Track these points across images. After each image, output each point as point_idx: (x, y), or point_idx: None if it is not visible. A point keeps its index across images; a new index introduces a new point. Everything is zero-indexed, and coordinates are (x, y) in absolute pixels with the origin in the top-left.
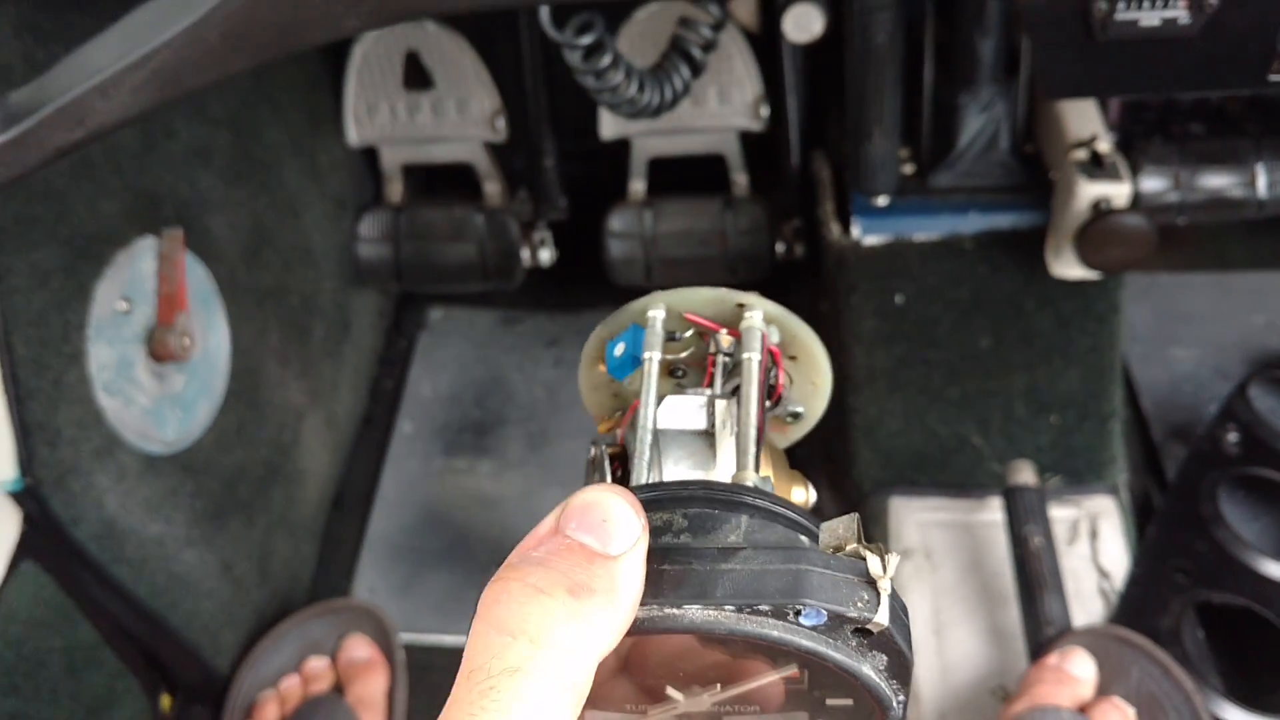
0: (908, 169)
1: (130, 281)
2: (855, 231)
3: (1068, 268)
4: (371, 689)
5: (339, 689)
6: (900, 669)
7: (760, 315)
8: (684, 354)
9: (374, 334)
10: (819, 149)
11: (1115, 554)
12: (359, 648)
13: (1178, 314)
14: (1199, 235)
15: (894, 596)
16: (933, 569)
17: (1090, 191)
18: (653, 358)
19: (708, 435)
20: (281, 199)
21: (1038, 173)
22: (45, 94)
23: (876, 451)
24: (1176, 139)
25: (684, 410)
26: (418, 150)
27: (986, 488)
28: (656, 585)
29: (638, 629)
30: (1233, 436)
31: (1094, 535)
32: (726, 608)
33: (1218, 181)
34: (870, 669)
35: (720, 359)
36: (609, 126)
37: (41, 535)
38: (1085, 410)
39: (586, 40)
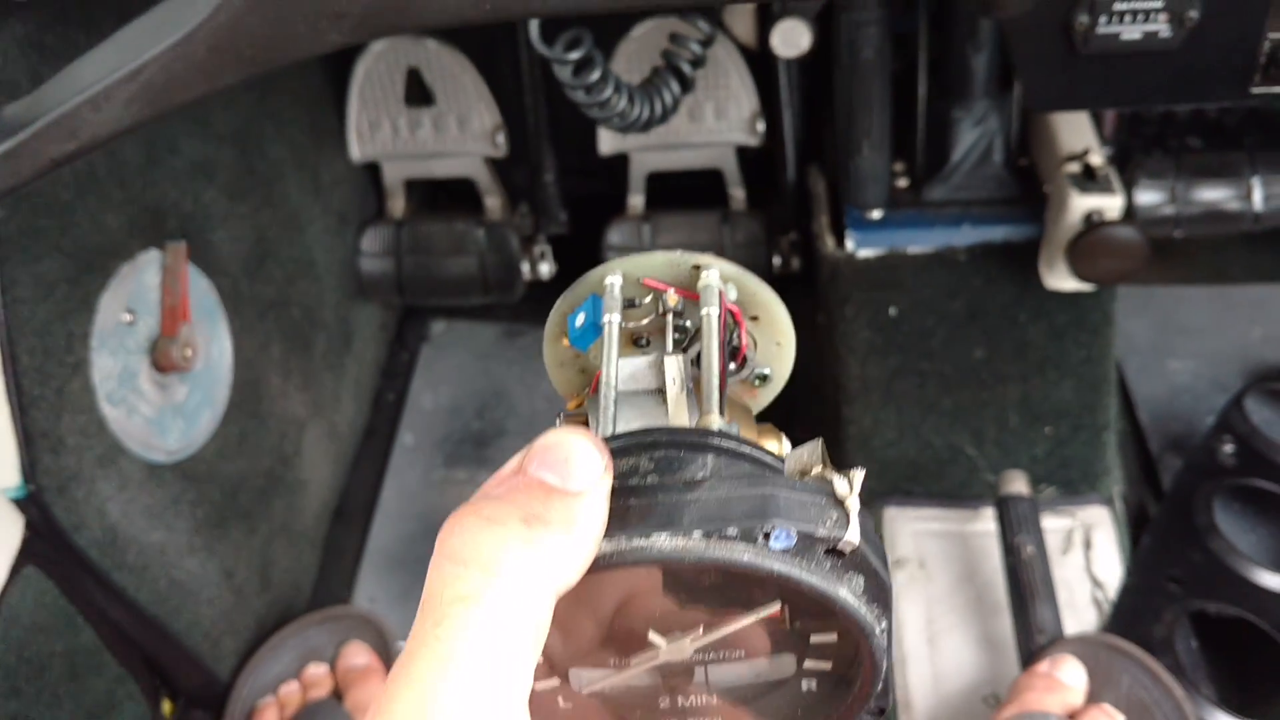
0: (902, 182)
1: (134, 293)
2: (849, 244)
3: (1061, 280)
4: (370, 695)
5: (338, 695)
6: (878, 591)
7: (716, 273)
8: (645, 321)
9: (376, 346)
10: (814, 164)
11: (1109, 564)
12: (358, 655)
13: (1175, 327)
14: (1197, 248)
15: (864, 515)
16: (927, 578)
17: (1082, 204)
18: (612, 320)
19: (660, 394)
20: (284, 213)
21: (1031, 186)
22: (39, 107)
23: (871, 462)
24: (1173, 153)
25: (633, 370)
26: (419, 165)
27: (981, 498)
28: (623, 520)
29: (605, 563)
30: (1228, 448)
31: (1088, 545)
32: (695, 534)
33: (1213, 195)
34: (847, 592)
35: (670, 317)
36: (607, 142)
37: (44, 541)
38: (1079, 421)
39: (575, 55)
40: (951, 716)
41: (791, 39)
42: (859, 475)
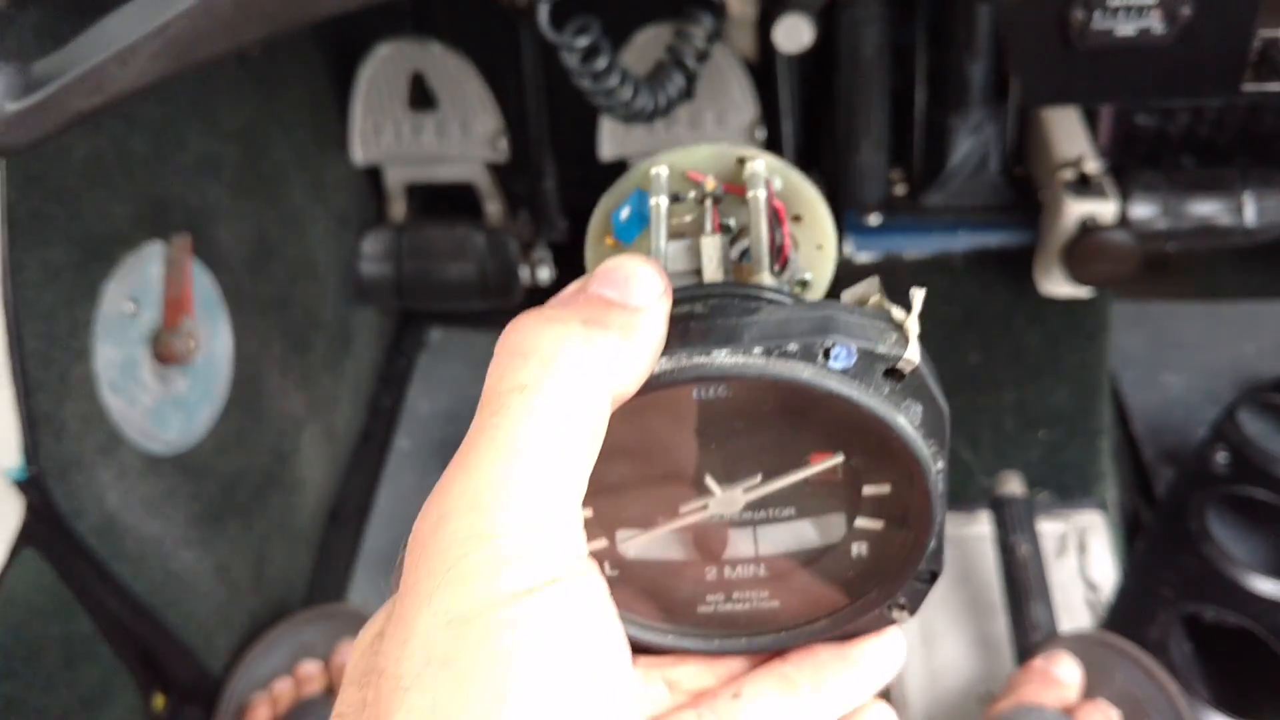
0: (900, 189)
1: (138, 284)
2: (847, 249)
3: (1056, 285)
4: None
5: (331, 692)
6: (935, 422)
7: (763, 163)
8: (688, 218)
9: (374, 351)
10: (813, 170)
11: (1103, 567)
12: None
13: (1170, 341)
14: (1191, 265)
15: (922, 344)
16: None
17: (1078, 209)
18: (660, 201)
19: (696, 275)
20: (287, 213)
21: (1026, 194)
22: (67, 62)
23: None
24: (1166, 169)
25: (672, 253)
26: (421, 170)
27: (976, 501)
28: (683, 339)
29: (666, 378)
30: (1222, 457)
31: (1082, 549)
32: (755, 350)
33: (1206, 209)
34: (905, 420)
35: (709, 202)
36: (608, 147)
37: (43, 525)
38: (1074, 426)
39: (583, 42)
40: (947, 714)
41: (794, 34)
42: (919, 295)
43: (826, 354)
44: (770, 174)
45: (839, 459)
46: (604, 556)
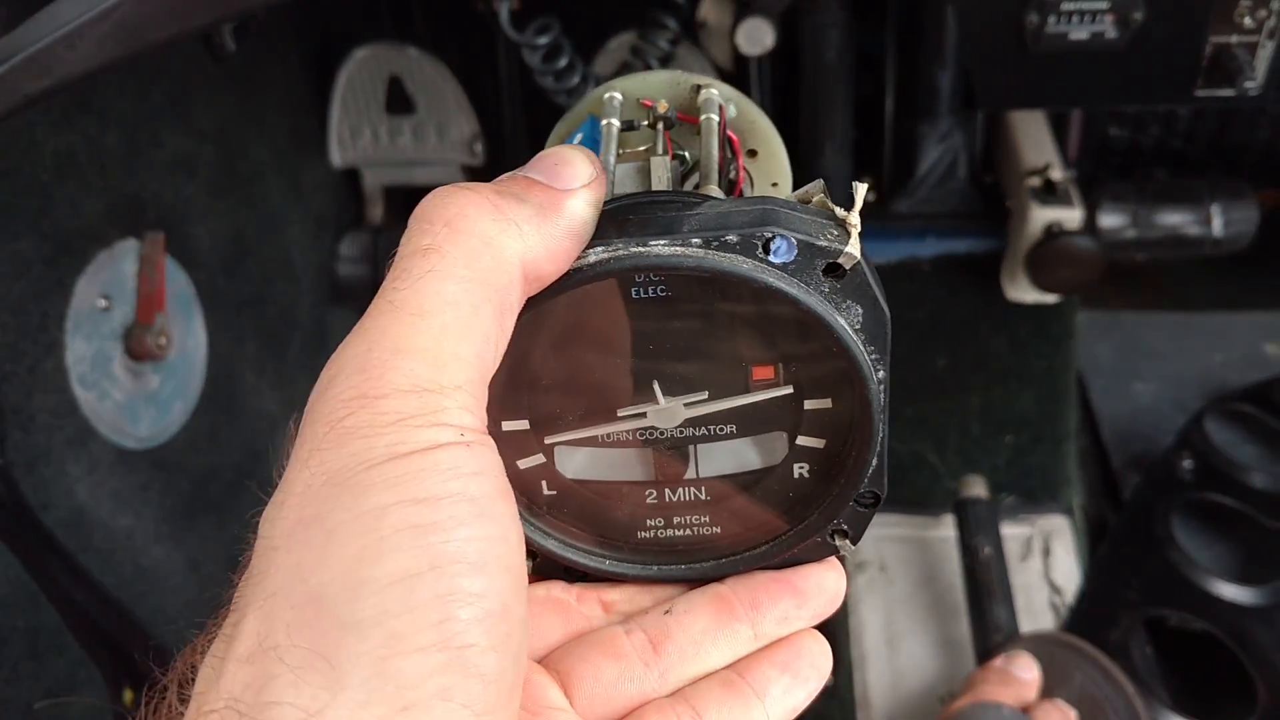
0: (869, 195)
1: (111, 280)
2: None
3: (1022, 292)
4: None
5: None
6: (876, 327)
7: (717, 92)
8: (642, 148)
9: None
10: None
11: (1067, 570)
12: None
13: (1140, 351)
14: (1162, 276)
15: (864, 243)
16: (888, 582)
17: (1043, 216)
18: (611, 123)
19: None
20: (264, 214)
21: (994, 201)
22: (14, 46)
23: None
24: (1137, 180)
25: (621, 176)
26: (398, 173)
27: (942, 505)
28: (620, 229)
29: (601, 268)
30: (1187, 463)
31: (1046, 552)
32: (693, 241)
33: (1174, 219)
34: (845, 322)
35: (661, 126)
36: None
37: (9, 516)
38: (1040, 431)
39: (544, 40)
40: (909, 714)
41: (755, 37)
42: (861, 189)
43: (766, 247)
44: (725, 101)
45: (787, 390)
46: (541, 475)
